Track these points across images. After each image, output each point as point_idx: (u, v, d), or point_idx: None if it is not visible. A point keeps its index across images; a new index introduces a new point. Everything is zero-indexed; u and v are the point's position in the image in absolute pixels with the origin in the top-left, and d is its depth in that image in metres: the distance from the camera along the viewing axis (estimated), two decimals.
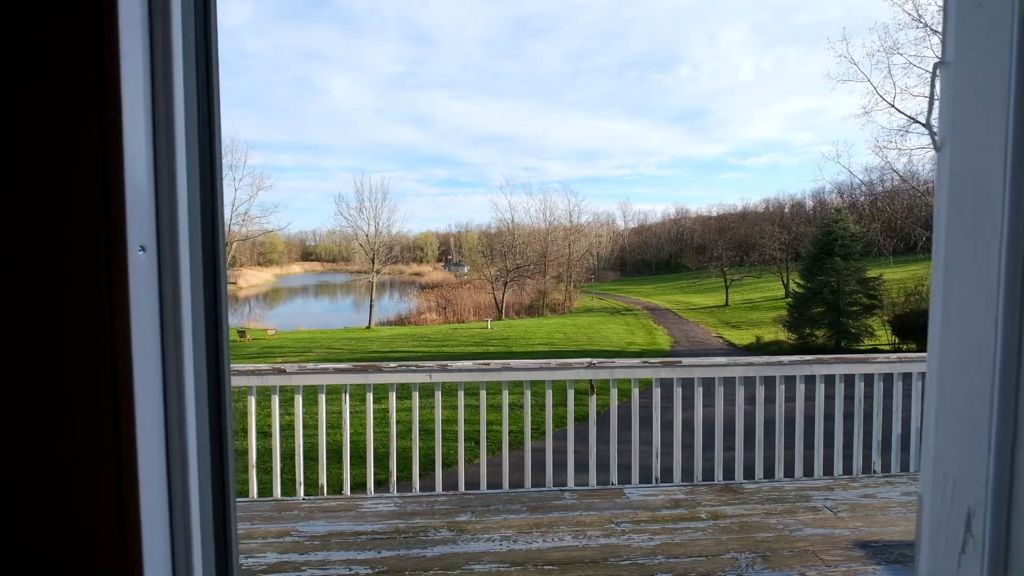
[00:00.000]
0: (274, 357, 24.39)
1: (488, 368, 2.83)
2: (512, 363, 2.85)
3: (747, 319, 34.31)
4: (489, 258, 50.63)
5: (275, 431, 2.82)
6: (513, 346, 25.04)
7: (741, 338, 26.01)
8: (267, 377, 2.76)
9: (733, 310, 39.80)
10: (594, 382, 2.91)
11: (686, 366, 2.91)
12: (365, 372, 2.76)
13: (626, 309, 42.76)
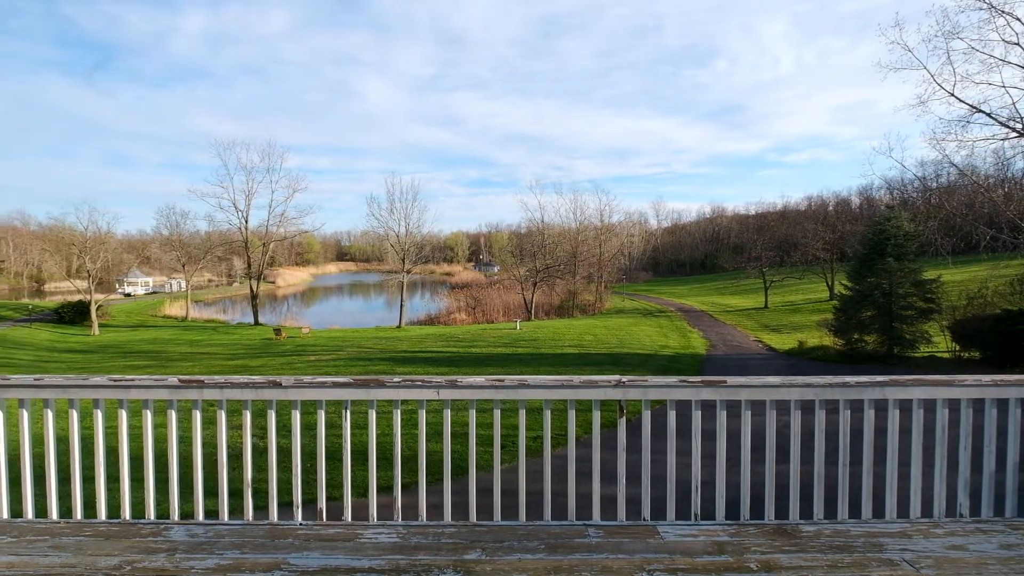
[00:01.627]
0: (307, 355, 24.83)
1: (502, 385, 2.51)
2: (529, 380, 2.52)
3: (788, 322, 32.75)
4: (519, 258, 50.32)
5: (271, 448, 2.58)
6: (542, 347, 24.64)
7: (782, 342, 24.78)
8: (262, 391, 2.52)
9: (773, 312, 38.12)
10: (623, 403, 2.54)
11: (731, 386, 2.51)
12: (367, 387, 2.49)
13: (659, 310, 41.62)
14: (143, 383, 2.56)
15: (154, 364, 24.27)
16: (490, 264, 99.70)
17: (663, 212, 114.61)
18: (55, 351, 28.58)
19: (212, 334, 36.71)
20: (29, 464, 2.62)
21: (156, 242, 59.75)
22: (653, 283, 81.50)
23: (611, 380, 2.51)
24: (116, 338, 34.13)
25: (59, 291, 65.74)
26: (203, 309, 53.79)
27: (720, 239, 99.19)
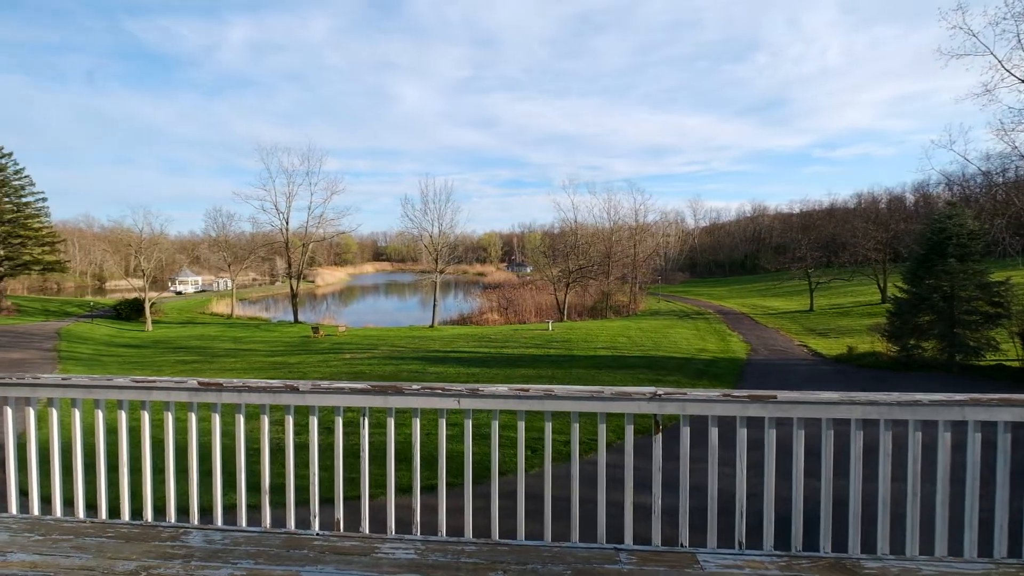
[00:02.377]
0: (342, 353, 25.37)
1: (527, 395, 2.34)
2: (555, 390, 2.34)
3: (836, 326, 31.10)
4: (551, 258, 49.96)
5: (288, 455, 2.50)
6: (574, 349, 24.29)
7: (829, 347, 23.52)
8: (280, 395, 2.44)
9: (819, 316, 36.34)
10: (659, 418, 2.33)
11: (783, 403, 2.25)
12: (385, 394, 2.37)
13: (696, 313, 40.41)
14: (164, 385, 2.54)
15: (201, 360, 25.36)
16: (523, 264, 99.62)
17: (701, 211, 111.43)
18: (112, 345, 30.33)
19: (255, 331, 38.13)
20: (59, 463, 2.65)
21: (205, 243, 62.67)
22: (690, 284, 79.35)
23: (646, 392, 2.30)
24: (167, 334, 35.94)
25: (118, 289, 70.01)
26: (247, 307, 56.01)
27: (761, 239, 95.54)
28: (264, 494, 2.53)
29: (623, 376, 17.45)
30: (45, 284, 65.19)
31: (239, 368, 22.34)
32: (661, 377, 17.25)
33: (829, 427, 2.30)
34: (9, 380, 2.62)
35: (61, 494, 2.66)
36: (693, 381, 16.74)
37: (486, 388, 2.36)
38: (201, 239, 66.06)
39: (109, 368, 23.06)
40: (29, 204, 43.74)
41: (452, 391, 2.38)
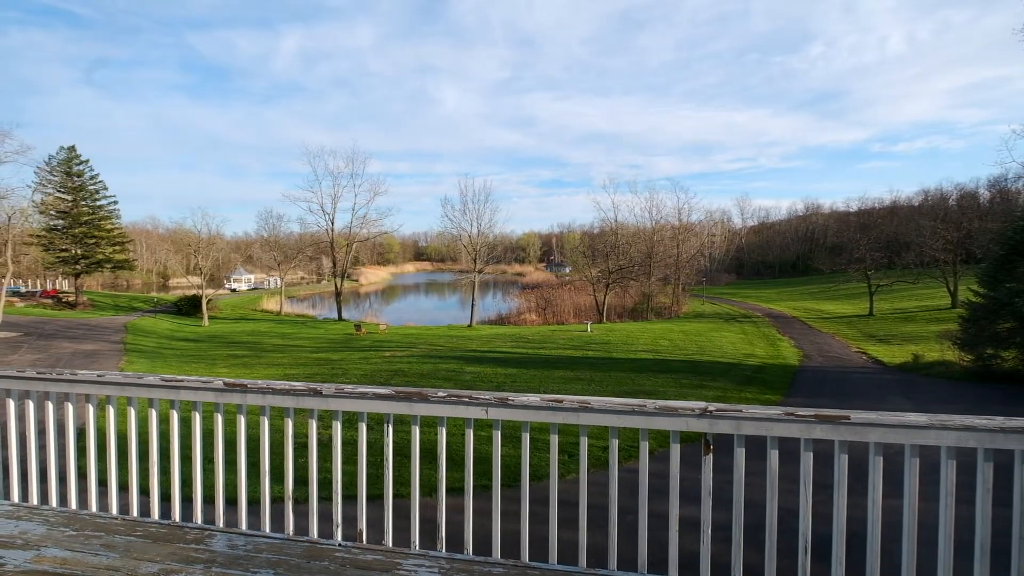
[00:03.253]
0: (383, 350, 25.88)
1: (560, 407, 2.14)
2: (592, 402, 2.13)
3: (898, 332, 29.00)
4: (590, 258, 49.23)
5: (312, 460, 2.41)
6: (614, 351, 23.76)
7: (891, 355, 21.92)
8: (303, 399, 2.36)
9: (880, 321, 34.01)
10: (710, 437, 2.07)
11: (857, 424, 1.95)
12: (410, 400, 2.24)
13: (743, 315, 38.73)
14: (191, 384, 2.51)
15: (251, 354, 26.52)
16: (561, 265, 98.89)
17: (749, 210, 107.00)
18: (172, 339, 32.23)
19: (301, 328, 39.59)
20: (94, 458, 2.67)
21: (257, 243, 65.75)
22: (737, 286, 76.32)
23: (695, 408, 2.05)
24: (221, 329, 37.88)
25: (179, 286, 74.53)
26: (295, 304, 58.34)
27: (815, 238, 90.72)
28: (287, 500, 2.46)
29: (664, 381, 16.86)
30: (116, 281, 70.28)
31: (285, 363, 23.19)
32: (705, 383, 16.54)
33: (914, 454, 1.98)
34: (49, 376, 2.67)
35: (96, 490, 2.69)
36: (740, 388, 15.96)
37: (516, 397, 2.18)
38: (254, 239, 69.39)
39: (168, 360, 24.47)
40: (103, 207, 47.22)
41: (480, 400, 2.21)
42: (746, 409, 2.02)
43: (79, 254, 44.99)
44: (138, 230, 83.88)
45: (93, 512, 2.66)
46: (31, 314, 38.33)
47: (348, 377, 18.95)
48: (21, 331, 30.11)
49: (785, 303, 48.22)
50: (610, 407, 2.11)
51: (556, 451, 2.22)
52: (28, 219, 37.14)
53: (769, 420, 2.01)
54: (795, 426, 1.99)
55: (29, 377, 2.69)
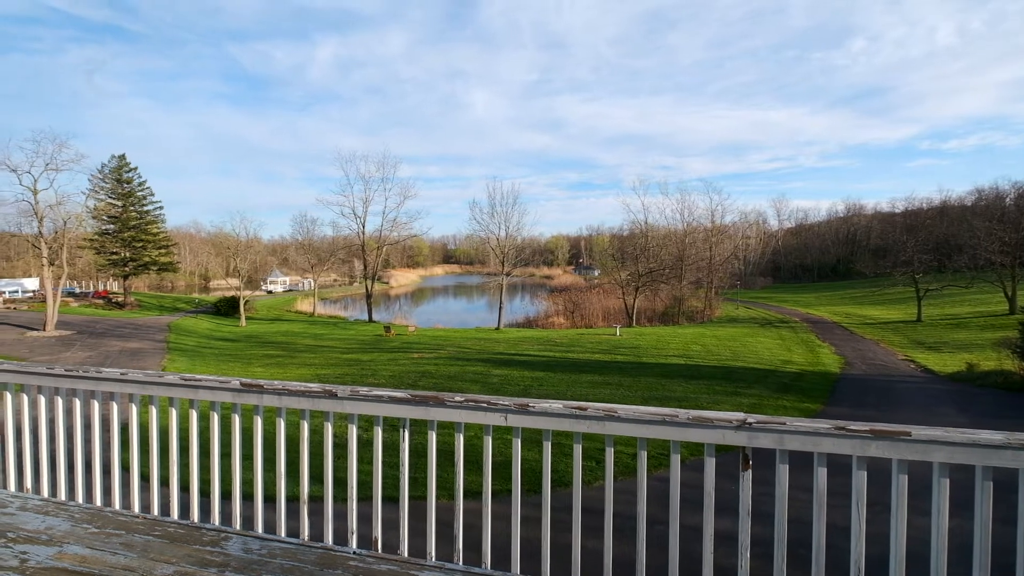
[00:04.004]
0: (411, 352, 26.12)
1: (584, 415, 2.00)
2: (619, 410, 1.98)
3: (950, 339, 27.34)
4: (620, 261, 48.51)
5: (327, 464, 2.35)
6: (643, 356, 23.26)
7: (942, 363, 20.65)
8: (318, 400, 2.30)
9: (929, 327, 32.20)
10: (749, 451, 1.89)
11: (918, 442, 1.74)
12: (426, 405, 2.14)
13: (780, 320, 37.36)
14: (209, 384, 2.49)
15: (284, 354, 27.23)
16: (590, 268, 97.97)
17: (785, 211, 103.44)
18: (211, 339, 33.45)
19: (333, 329, 40.46)
20: (117, 456, 2.69)
21: (292, 246, 67.74)
22: (773, 290, 73.83)
23: (732, 419, 1.87)
24: (257, 329, 39.10)
25: (219, 288, 77.53)
26: (328, 306, 59.75)
27: (856, 241, 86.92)
28: (303, 504, 2.40)
29: (696, 387, 16.35)
30: (161, 282, 73.65)
31: (317, 363, 23.68)
32: (740, 390, 15.95)
33: (987, 477, 1.75)
34: (76, 373, 2.70)
35: (120, 487, 2.70)
36: (776, 395, 15.31)
37: (537, 404, 2.05)
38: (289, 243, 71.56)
39: (207, 359, 25.38)
40: (149, 212, 49.61)
41: (499, 405, 2.09)
42: (790, 422, 1.83)
43: (127, 257, 47.37)
44: (181, 234, 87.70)
45: (116, 509, 2.68)
46: (84, 313, 40.52)
47: (376, 378, 19.17)
48: (75, 330, 31.87)
49: (825, 308, 46.26)
50: (638, 416, 1.96)
51: (580, 462, 2.08)
52: (82, 224, 39.35)
53: (817, 435, 1.81)
54: (847, 442, 1.79)
55: (58, 375, 2.73)
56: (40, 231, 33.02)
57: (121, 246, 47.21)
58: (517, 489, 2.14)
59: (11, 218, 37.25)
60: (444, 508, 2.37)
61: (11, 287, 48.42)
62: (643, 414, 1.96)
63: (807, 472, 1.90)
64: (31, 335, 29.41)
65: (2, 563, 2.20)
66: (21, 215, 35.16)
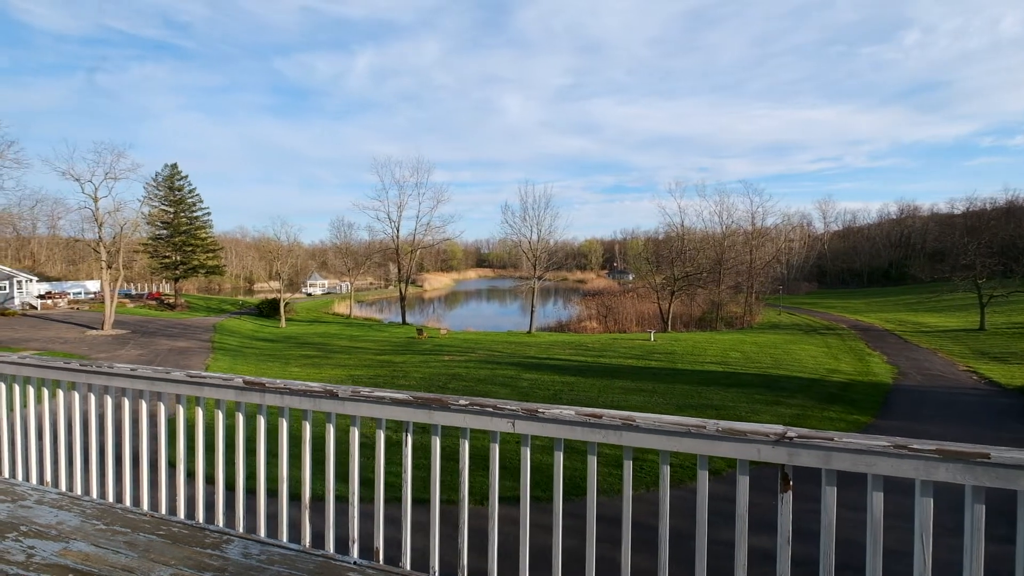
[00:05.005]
0: (442, 354, 26.26)
1: (599, 423, 1.81)
2: (638, 419, 1.77)
3: (1018, 349, 25.23)
4: (655, 265, 47.42)
5: (329, 469, 2.24)
6: (678, 362, 22.54)
7: (1010, 376, 19.02)
8: (320, 401, 2.19)
9: (993, 336, 29.87)
10: (788, 469, 1.65)
11: (1000, 466, 1.46)
12: (429, 408, 2.00)
13: (826, 327, 35.55)
14: (213, 381, 2.43)
15: (320, 355, 27.92)
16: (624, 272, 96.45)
17: (832, 213, 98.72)
18: (253, 339, 34.71)
19: (368, 331, 41.27)
20: (129, 452, 2.67)
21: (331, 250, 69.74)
22: (818, 295, 70.51)
23: (769, 432, 1.64)
24: (296, 331, 40.33)
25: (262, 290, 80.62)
26: (364, 308, 61.08)
27: (911, 244, 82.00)
28: (304, 509, 2.30)
29: (735, 395, 15.65)
30: (209, 285, 77.25)
31: (351, 364, 24.14)
32: (781, 399, 15.16)
33: None
34: (91, 368, 2.71)
35: (131, 484, 2.69)
36: (822, 406, 14.46)
37: (548, 410, 1.87)
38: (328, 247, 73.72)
39: (248, 359, 26.30)
40: (198, 218, 52.17)
41: (505, 410, 1.93)
42: (839, 437, 1.58)
43: (178, 260, 49.92)
44: (228, 239, 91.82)
45: (126, 506, 2.66)
46: (138, 314, 42.90)
47: (408, 379, 19.31)
48: (129, 329, 33.74)
49: (876, 314, 43.72)
50: (660, 426, 1.75)
51: (595, 476, 1.88)
52: (137, 229, 41.75)
53: (871, 453, 1.55)
54: (908, 463, 1.53)
55: (74, 369, 2.75)
56: (100, 236, 35.19)
57: (172, 250, 49.80)
58: (526, 503, 1.97)
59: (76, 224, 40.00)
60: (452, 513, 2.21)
61: (75, 289, 51.83)
62: (665, 424, 1.74)
63: (854, 487, 1.64)
64: (90, 333, 31.32)
65: (10, 557, 2.20)
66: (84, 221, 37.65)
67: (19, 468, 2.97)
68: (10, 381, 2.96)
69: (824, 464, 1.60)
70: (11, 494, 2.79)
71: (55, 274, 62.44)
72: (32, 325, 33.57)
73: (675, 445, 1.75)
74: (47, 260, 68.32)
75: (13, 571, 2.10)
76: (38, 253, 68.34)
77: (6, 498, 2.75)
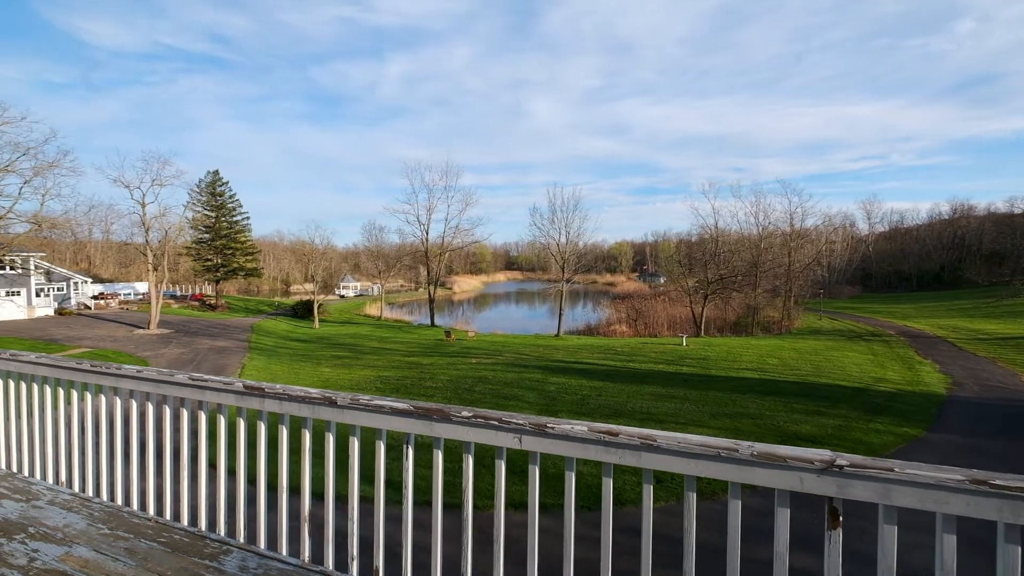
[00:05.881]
0: (469, 357, 26.26)
1: (614, 441, 1.61)
2: (659, 438, 1.57)
3: None
4: (687, 268, 46.22)
5: (328, 482, 2.12)
6: (712, 368, 21.78)
7: None
8: (318, 408, 2.08)
9: None
10: (838, 503, 1.41)
11: None
12: (429, 419, 1.84)
13: (871, 333, 33.77)
14: (214, 385, 2.35)
15: (351, 356, 28.39)
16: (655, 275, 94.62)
17: (877, 213, 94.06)
18: (288, 339, 35.66)
19: (397, 332, 41.79)
20: (136, 455, 2.63)
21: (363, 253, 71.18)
22: (862, 299, 67.25)
23: (813, 459, 1.40)
24: (329, 332, 41.22)
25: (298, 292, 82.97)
26: (394, 310, 61.99)
27: (965, 245, 77.22)
28: (303, 522, 2.18)
29: (772, 404, 14.95)
30: (248, 286, 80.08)
31: (380, 365, 24.42)
32: (823, 409, 14.39)
33: None
34: (99, 369, 2.68)
35: (139, 488, 2.65)
36: (867, 417, 13.64)
37: (557, 425, 1.69)
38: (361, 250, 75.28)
39: (282, 359, 26.99)
40: (238, 222, 54.16)
41: (511, 424, 1.75)
42: (901, 467, 1.33)
43: (219, 263, 51.93)
44: (266, 242, 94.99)
45: (133, 510, 2.62)
46: (182, 314, 44.80)
47: (435, 381, 19.35)
48: (173, 328, 35.25)
49: (926, 320, 41.26)
50: (685, 447, 1.54)
51: (610, 503, 1.68)
52: (182, 233, 43.69)
53: (942, 488, 1.30)
54: (991, 502, 1.26)
55: (84, 370, 2.73)
56: (147, 240, 36.95)
57: (214, 253, 51.85)
58: (534, 532, 1.78)
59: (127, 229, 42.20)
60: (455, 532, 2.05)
61: (126, 290, 54.65)
62: (691, 445, 1.53)
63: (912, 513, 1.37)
64: (137, 332, 32.87)
65: (13, 560, 2.17)
66: (134, 226, 39.64)
67: (37, 467, 2.98)
68: (29, 380, 2.99)
69: (882, 499, 1.35)
70: (27, 493, 2.80)
71: (108, 276, 66.03)
72: (86, 324, 35.52)
73: (702, 469, 1.53)
74: (101, 263, 72.36)
75: (13, 575, 2.06)
76: (93, 256, 72.48)
77: (21, 497, 2.75)
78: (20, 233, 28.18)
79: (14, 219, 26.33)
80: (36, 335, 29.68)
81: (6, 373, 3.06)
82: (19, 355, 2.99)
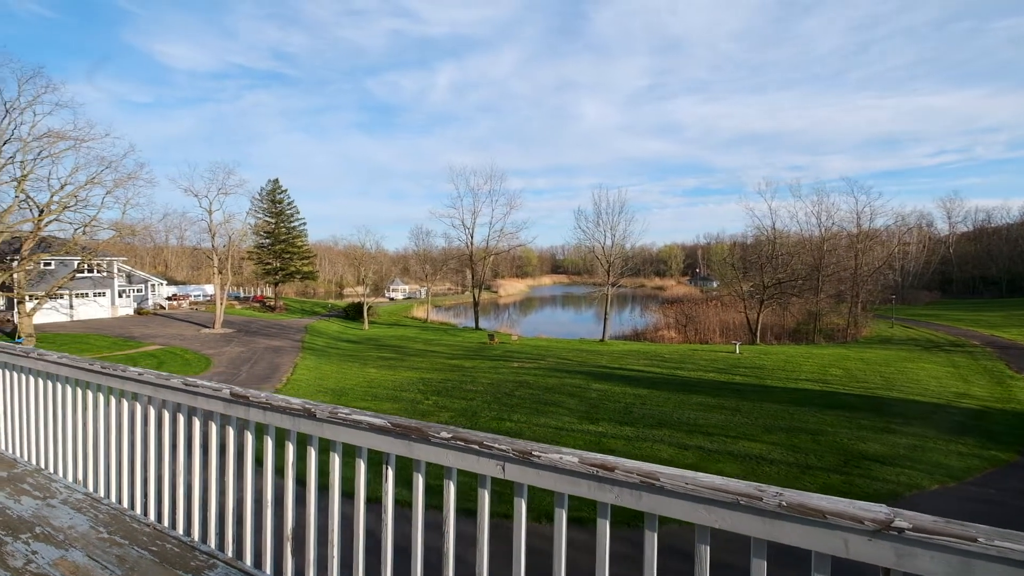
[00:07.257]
0: (512, 361, 26.12)
1: (610, 477, 1.35)
2: (663, 476, 1.30)
3: None
4: (742, 271, 43.99)
5: (309, 502, 1.97)
6: (767, 378, 20.48)
7: None
8: (299, 420, 1.94)
9: None
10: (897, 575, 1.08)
11: None
12: (407, 439, 1.65)
13: (952, 343, 30.73)
14: (204, 391, 2.27)
15: (396, 357, 28.99)
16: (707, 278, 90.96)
17: (959, 212, 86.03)
18: (338, 340, 36.96)
19: (443, 335, 42.36)
20: (140, 458, 2.61)
21: (412, 257, 72.95)
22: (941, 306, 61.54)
23: (863, 516, 1.09)
24: (377, 333, 42.39)
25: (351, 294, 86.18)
26: (440, 313, 63.00)
27: None
28: (286, 540, 2.04)
29: (834, 418, 13.79)
30: (305, 289, 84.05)
31: (423, 367, 24.75)
32: (893, 427, 13.10)
33: None
34: (108, 371, 2.69)
35: (141, 492, 2.63)
36: (947, 438, 12.29)
37: (544, 454, 1.44)
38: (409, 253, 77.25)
39: (332, 359, 27.95)
40: (295, 228, 56.95)
41: (494, 449, 1.52)
42: (988, 536, 0.99)
43: (278, 266, 54.77)
44: (322, 247, 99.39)
45: (135, 514, 2.60)
46: (244, 315, 47.56)
47: (476, 384, 19.34)
48: (235, 328, 37.44)
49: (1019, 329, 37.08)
50: (695, 490, 1.25)
51: (606, 551, 1.41)
52: (245, 238, 46.45)
53: None
54: None
55: (95, 371, 2.75)
56: (213, 244, 39.52)
57: (273, 257, 54.74)
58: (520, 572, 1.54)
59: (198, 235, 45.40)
60: None
61: (196, 291, 58.70)
62: (703, 487, 1.24)
63: None
64: (204, 332, 35.16)
65: (11, 562, 2.17)
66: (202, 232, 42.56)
67: (59, 464, 3.05)
68: (53, 380, 3.06)
69: (963, 574, 1.01)
70: (45, 491, 2.86)
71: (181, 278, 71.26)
72: (160, 323, 38.42)
73: (716, 519, 1.24)
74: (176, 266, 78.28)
75: None
76: (169, 260, 78.55)
77: (39, 495, 2.81)
78: (104, 240, 30.88)
79: (99, 226, 28.87)
80: (117, 332, 32.36)
81: (35, 372, 3.16)
82: (45, 355, 3.07)
